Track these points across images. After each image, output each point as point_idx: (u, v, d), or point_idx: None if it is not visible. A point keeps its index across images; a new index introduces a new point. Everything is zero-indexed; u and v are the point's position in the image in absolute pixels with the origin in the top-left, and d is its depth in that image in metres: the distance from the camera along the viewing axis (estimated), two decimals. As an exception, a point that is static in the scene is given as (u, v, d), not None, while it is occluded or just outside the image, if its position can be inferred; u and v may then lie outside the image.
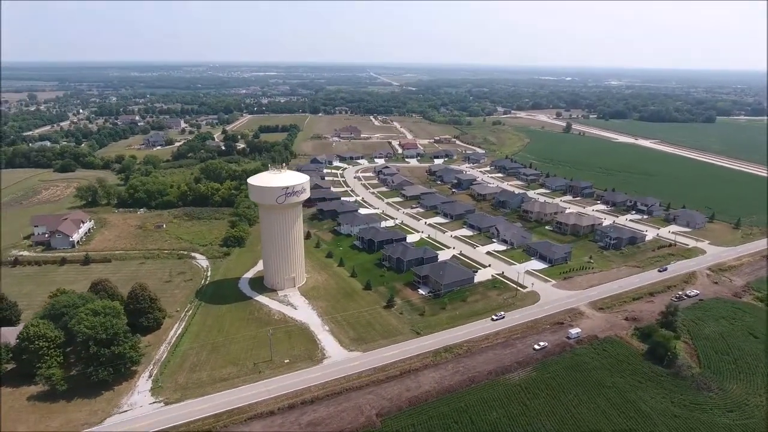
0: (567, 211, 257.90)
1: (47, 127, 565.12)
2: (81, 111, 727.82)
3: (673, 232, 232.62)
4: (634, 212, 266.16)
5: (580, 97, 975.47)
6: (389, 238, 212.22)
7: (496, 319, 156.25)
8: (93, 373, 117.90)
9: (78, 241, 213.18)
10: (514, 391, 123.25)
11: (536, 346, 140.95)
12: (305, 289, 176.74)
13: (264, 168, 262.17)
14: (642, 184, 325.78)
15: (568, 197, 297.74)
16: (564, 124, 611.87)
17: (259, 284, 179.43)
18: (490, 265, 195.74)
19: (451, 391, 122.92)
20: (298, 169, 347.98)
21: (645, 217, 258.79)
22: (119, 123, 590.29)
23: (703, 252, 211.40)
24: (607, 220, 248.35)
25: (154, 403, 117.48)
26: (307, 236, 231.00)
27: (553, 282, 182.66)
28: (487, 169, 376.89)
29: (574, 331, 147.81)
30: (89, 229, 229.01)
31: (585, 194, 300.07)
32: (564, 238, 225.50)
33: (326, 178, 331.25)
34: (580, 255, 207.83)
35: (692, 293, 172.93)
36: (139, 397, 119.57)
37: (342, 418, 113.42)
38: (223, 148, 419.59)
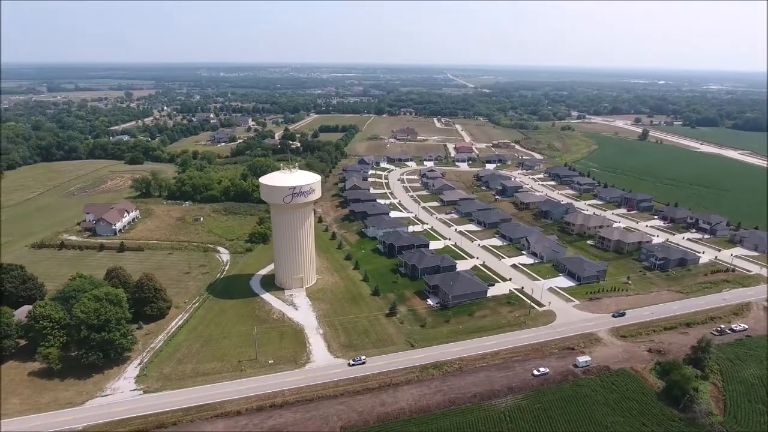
0: (614, 225, 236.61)
1: (132, 123, 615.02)
2: (165, 108, 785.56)
3: (735, 256, 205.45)
4: (694, 230, 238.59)
5: (667, 102, 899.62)
6: (410, 244, 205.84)
7: (354, 364, 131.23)
8: (83, 356, 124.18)
9: (120, 230, 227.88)
10: (496, 418, 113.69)
11: (536, 372, 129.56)
12: (312, 290, 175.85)
13: (308, 168, 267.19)
14: (713, 200, 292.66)
15: (622, 210, 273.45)
16: (640, 131, 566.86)
17: (270, 282, 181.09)
18: (510, 279, 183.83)
19: (426, 411, 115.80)
20: (344, 170, 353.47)
21: (706, 236, 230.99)
22: (194, 120, 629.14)
23: (766, 280, 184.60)
24: (660, 238, 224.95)
25: (134, 390, 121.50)
26: (333, 237, 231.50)
27: (576, 302, 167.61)
28: (540, 176, 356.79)
29: (583, 359, 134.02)
30: (134, 218, 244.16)
31: (642, 208, 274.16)
32: (605, 255, 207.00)
33: (369, 180, 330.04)
34: (618, 274, 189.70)
35: (739, 327, 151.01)
36: (124, 383, 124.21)
37: (305, 426, 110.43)
38: (279, 146, 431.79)
